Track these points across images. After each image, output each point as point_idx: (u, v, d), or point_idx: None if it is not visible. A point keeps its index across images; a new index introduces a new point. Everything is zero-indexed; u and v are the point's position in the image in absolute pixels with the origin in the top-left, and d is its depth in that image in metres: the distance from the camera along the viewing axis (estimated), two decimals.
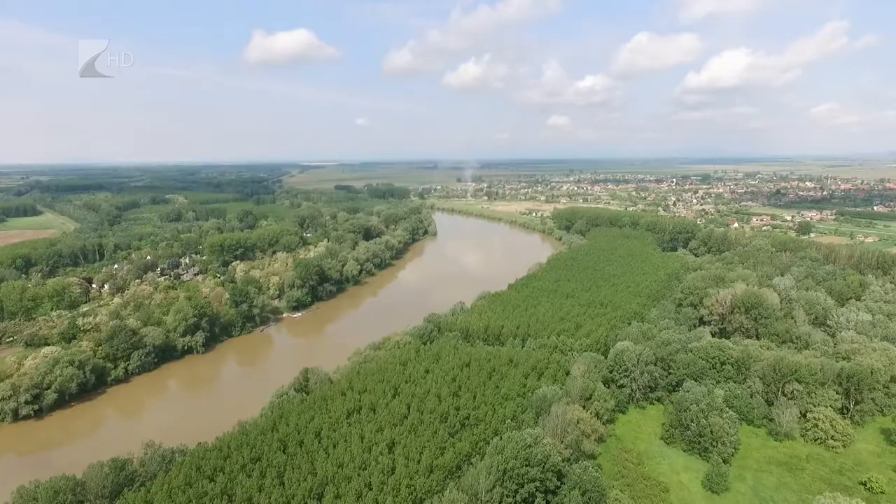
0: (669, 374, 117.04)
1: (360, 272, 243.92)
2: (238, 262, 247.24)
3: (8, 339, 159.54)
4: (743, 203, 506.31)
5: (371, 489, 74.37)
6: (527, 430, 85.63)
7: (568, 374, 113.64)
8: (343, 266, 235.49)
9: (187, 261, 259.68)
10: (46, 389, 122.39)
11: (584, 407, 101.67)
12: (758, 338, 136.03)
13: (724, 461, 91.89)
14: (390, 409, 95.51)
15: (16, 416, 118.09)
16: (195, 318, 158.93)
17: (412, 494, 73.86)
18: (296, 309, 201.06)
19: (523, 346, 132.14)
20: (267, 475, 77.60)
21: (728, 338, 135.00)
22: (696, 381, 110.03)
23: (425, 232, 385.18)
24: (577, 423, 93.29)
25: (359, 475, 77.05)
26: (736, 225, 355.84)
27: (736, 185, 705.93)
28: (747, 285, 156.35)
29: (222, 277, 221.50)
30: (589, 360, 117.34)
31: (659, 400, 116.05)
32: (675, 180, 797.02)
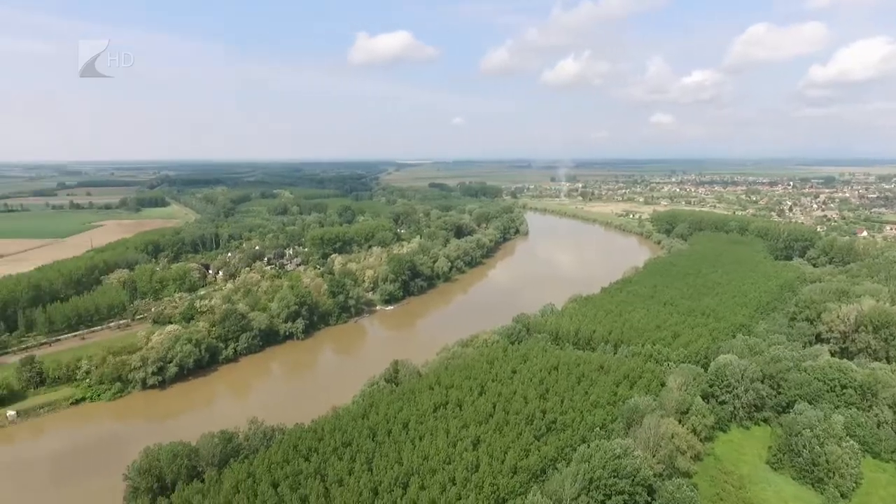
0: (779, 393, 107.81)
1: (451, 269, 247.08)
2: (336, 254, 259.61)
3: (139, 316, 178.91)
4: (874, 209, 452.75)
5: (455, 484, 75.29)
6: (616, 440, 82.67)
7: (663, 385, 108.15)
8: (434, 262, 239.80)
9: (291, 252, 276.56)
10: (169, 363, 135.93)
11: (679, 421, 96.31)
12: (888, 361, 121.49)
13: (841, 495, 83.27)
14: (476, 407, 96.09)
15: (144, 385, 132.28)
16: (296, 306, 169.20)
17: (495, 493, 73.90)
18: (388, 302, 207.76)
19: (615, 353, 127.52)
20: (357, 460, 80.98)
21: (851, 359, 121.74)
22: (810, 403, 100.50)
23: (517, 231, 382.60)
24: (672, 437, 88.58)
25: (443, 469, 78.27)
26: (864, 234, 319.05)
27: (866, 189, 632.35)
28: (877, 301, 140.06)
29: (322, 269, 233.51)
30: (687, 371, 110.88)
31: (766, 421, 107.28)
32: (791, 183, 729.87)
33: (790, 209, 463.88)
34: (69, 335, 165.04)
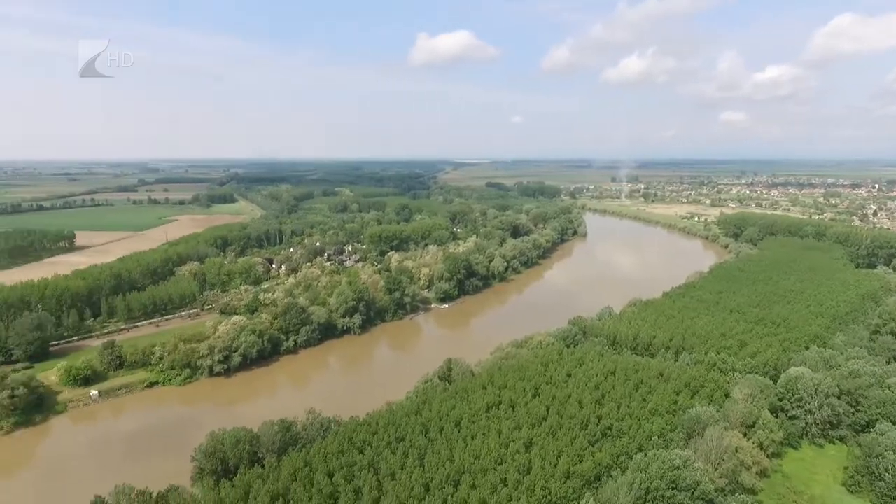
0: (857, 411, 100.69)
1: (506, 269, 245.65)
2: (393, 252, 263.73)
3: (208, 307, 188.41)
4: None
5: (506, 485, 74.90)
6: (675, 450, 79.73)
7: (727, 396, 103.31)
8: (490, 262, 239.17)
9: (350, 248, 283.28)
10: (234, 352, 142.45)
11: (744, 435, 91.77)
12: None
13: None
14: (529, 409, 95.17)
15: (211, 372, 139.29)
16: (354, 302, 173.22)
17: (546, 497, 72.95)
18: (443, 300, 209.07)
19: (676, 360, 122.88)
20: (409, 455, 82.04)
21: None
22: (894, 424, 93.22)
23: (574, 232, 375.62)
24: (736, 451, 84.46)
25: (495, 469, 78.03)
26: None
27: None
28: None
29: (379, 266, 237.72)
30: (753, 383, 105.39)
31: (841, 440, 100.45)
32: (876, 185, 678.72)
33: (874, 213, 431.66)
34: (145, 322, 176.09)
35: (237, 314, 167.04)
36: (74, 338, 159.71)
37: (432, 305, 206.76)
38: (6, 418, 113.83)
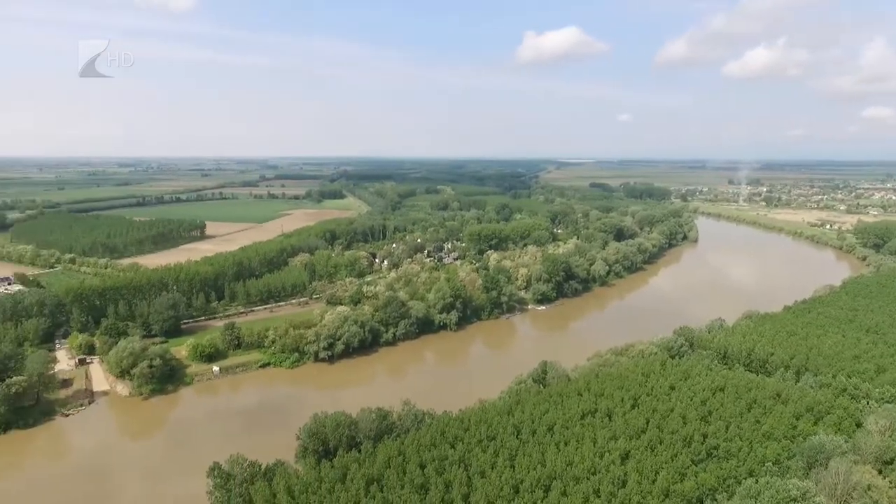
0: None
1: (608, 273, 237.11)
2: (492, 251, 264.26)
3: (316, 296, 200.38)
4: None
5: (599, 496, 72.42)
6: (792, 480, 72.53)
7: (859, 426, 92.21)
8: (591, 265, 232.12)
9: (449, 246, 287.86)
10: (337, 340, 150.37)
11: (879, 472, 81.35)
12: None
13: None
14: (627, 420, 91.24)
15: (316, 358, 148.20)
16: (451, 299, 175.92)
17: None
18: (540, 302, 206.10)
19: (797, 381, 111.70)
20: (500, 455, 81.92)
21: None
22: None
23: (684, 237, 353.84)
24: (868, 489, 75.10)
25: (588, 479, 75.71)
26: None
27: None
28: None
29: (477, 264, 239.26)
30: (893, 414, 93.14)
31: None
32: None
33: None
34: (261, 307, 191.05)
35: (342, 304, 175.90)
36: (201, 318, 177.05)
37: (529, 306, 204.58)
38: (145, 385, 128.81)
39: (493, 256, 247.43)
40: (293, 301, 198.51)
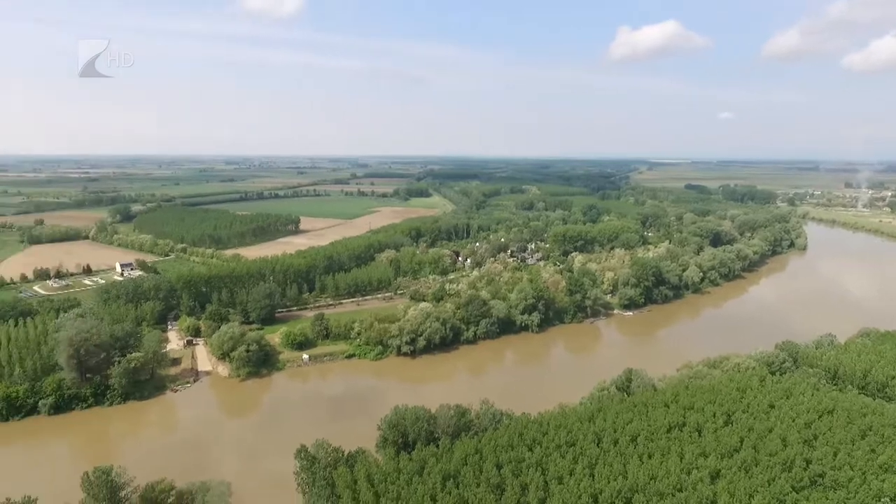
0: None
1: (702, 280, 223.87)
2: (577, 253, 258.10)
3: (400, 292, 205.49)
4: None
5: None
6: None
7: None
8: (683, 271, 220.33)
9: (533, 246, 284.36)
10: (419, 336, 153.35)
11: None
12: None
13: None
14: (718, 437, 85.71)
15: (398, 352, 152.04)
16: (534, 300, 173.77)
17: None
18: (627, 307, 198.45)
19: None
20: (579, 462, 79.89)
21: None
22: None
23: (791, 244, 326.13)
24: None
25: (673, 495, 72.00)
26: None
27: None
28: None
29: (561, 266, 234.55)
30: None
31: None
32: None
33: None
34: (348, 300, 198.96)
35: (425, 301, 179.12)
36: (294, 308, 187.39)
37: (614, 311, 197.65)
38: (243, 368, 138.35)
39: (577, 258, 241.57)
40: (378, 295, 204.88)
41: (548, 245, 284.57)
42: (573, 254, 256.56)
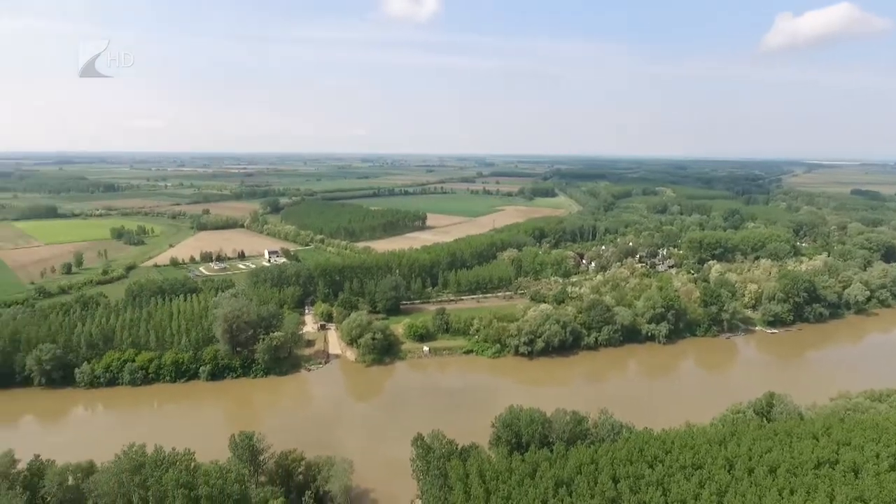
0: None
1: (868, 299, 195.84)
2: (714, 261, 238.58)
3: (520, 292, 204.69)
4: None
5: None
6: None
7: None
8: (844, 288, 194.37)
9: (664, 252, 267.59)
10: (538, 338, 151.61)
11: None
12: None
13: None
14: (881, 482, 74.21)
15: (516, 351, 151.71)
16: (662, 309, 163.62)
17: None
18: (771, 324, 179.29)
19: None
20: (706, 487, 73.81)
21: None
22: None
23: None
24: None
25: None
26: None
27: None
28: None
29: (695, 274, 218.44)
30: None
31: None
32: None
33: None
34: (469, 297, 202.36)
35: (545, 302, 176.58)
36: (417, 301, 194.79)
37: (756, 328, 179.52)
38: (368, 354, 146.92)
39: (715, 267, 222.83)
40: (498, 294, 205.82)
41: (681, 251, 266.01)
42: (710, 262, 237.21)
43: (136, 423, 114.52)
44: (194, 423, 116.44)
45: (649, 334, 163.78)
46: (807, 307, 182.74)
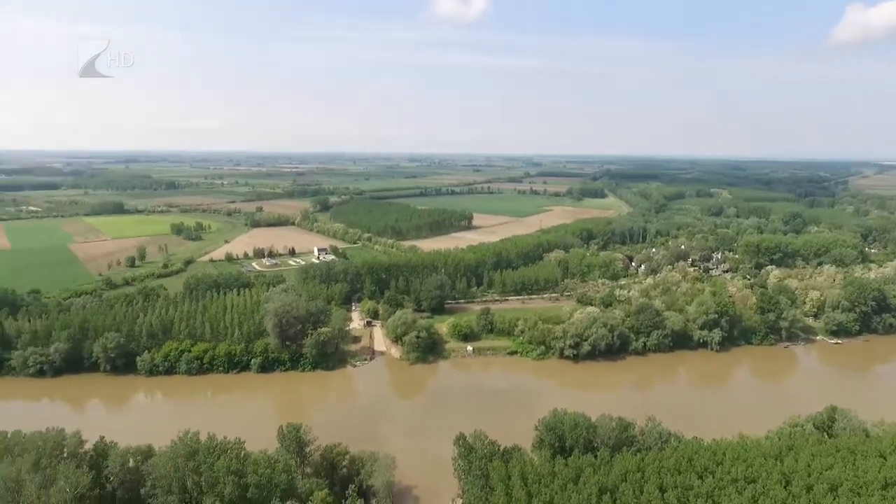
0: None
1: None
2: (773, 266, 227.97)
3: (567, 293, 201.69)
4: None
5: None
6: None
7: None
8: None
9: (719, 256, 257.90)
10: (584, 341, 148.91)
11: None
12: None
13: None
14: None
15: (561, 354, 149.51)
16: (716, 315, 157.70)
17: None
18: (835, 334, 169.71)
19: None
20: (760, 502, 70.74)
21: None
22: None
23: None
24: None
25: None
26: None
27: None
28: None
29: (752, 280, 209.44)
30: None
31: None
32: None
33: None
34: (514, 297, 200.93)
35: (592, 305, 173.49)
36: (461, 300, 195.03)
37: (818, 337, 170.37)
38: (412, 352, 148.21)
39: (773, 273, 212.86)
40: (544, 295, 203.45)
41: (737, 256, 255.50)
42: (768, 267, 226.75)
43: (190, 411, 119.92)
44: (245, 413, 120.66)
45: (701, 341, 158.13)
46: (875, 317, 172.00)
